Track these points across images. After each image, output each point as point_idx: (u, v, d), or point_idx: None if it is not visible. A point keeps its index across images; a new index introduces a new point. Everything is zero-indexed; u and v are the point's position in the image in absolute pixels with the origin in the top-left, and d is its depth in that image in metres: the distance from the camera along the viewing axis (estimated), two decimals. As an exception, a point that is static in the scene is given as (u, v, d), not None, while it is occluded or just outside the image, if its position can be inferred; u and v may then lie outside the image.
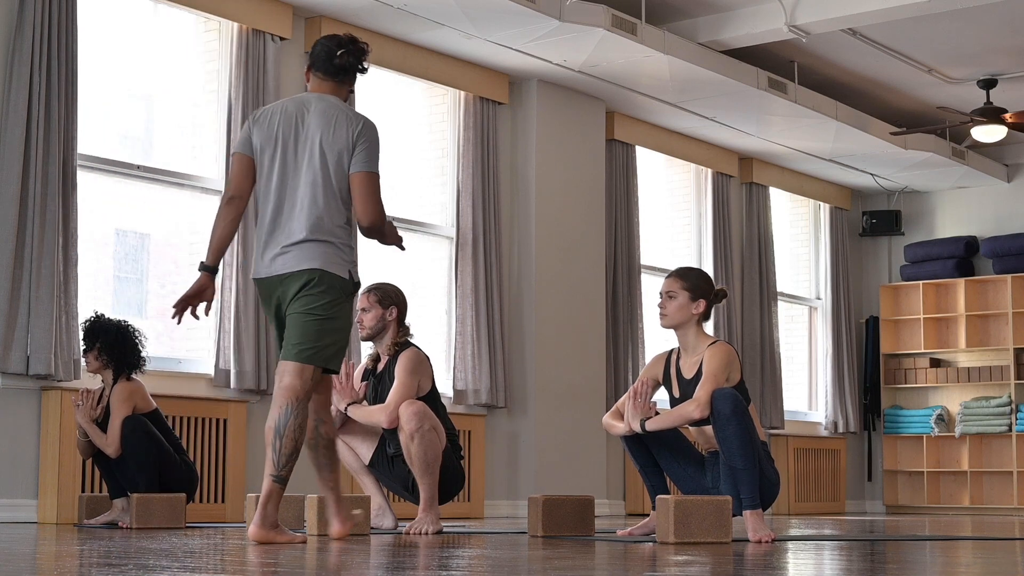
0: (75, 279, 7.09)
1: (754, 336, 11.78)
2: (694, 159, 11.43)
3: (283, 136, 4.92)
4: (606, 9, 8.70)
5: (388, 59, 8.82)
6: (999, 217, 12.94)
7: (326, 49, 5.00)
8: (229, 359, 7.80)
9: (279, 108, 4.99)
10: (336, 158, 4.88)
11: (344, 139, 4.88)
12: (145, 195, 8.14)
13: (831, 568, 3.75)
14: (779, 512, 11.70)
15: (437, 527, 5.64)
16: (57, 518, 6.90)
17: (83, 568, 3.39)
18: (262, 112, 5.03)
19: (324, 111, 4.91)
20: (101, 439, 6.32)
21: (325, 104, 4.94)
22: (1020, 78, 10.84)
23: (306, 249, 4.82)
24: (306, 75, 5.09)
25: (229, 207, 4.96)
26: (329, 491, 5.01)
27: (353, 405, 5.88)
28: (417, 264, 9.33)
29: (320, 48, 5.02)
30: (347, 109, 4.98)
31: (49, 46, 7.05)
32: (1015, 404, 12.43)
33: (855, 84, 11.05)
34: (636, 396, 5.11)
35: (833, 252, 12.94)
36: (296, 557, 3.92)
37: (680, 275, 5.29)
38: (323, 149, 4.87)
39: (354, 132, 4.89)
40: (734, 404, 4.88)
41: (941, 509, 12.70)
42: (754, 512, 4.90)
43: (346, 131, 4.89)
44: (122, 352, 6.39)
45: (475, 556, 4.09)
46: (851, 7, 8.98)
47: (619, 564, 3.73)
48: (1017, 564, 3.86)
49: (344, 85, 5.03)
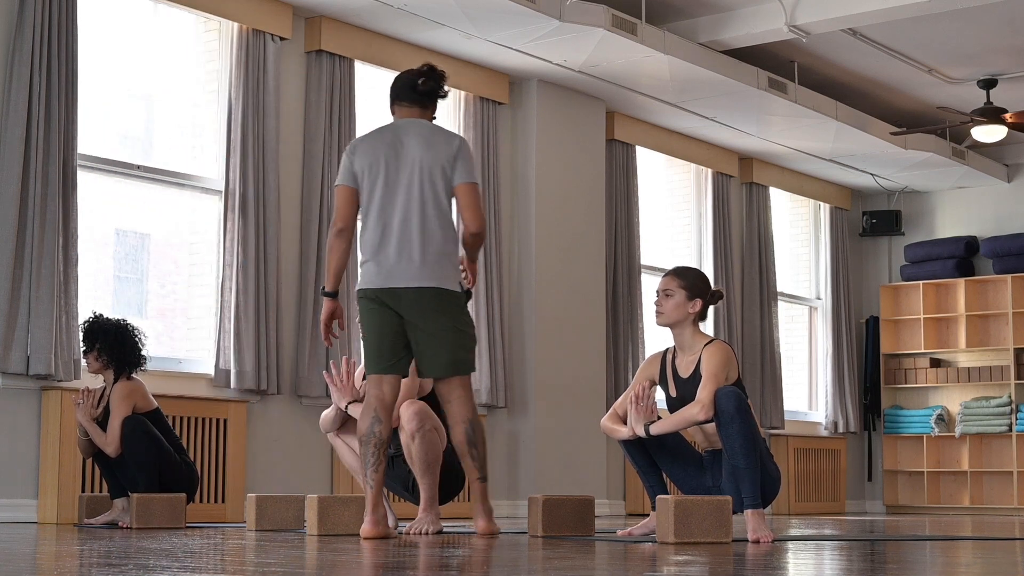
0: (75, 279, 7.09)
1: (754, 336, 11.78)
2: (694, 159, 11.44)
3: (385, 159, 5.28)
4: (606, 9, 8.70)
5: (388, 59, 8.83)
6: (999, 217, 12.94)
7: (408, 80, 5.40)
8: (229, 359, 7.80)
9: (376, 135, 5.37)
10: (440, 173, 5.25)
11: (444, 155, 5.26)
12: (145, 195, 8.15)
13: (831, 568, 3.75)
14: (779, 512, 11.70)
15: (437, 527, 5.64)
16: (57, 518, 6.91)
17: (83, 568, 3.39)
18: (359, 142, 5.39)
19: (420, 132, 5.31)
20: (101, 438, 6.32)
21: (419, 126, 5.33)
22: (1020, 78, 10.84)
23: (425, 268, 5.21)
24: (392, 110, 5.44)
25: (340, 238, 5.31)
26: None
27: (354, 403, 5.88)
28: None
29: (401, 81, 5.42)
30: (441, 128, 5.37)
31: (49, 46, 7.05)
32: (1015, 404, 12.43)
33: (855, 84, 11.05)
34: (638, 401, 5.10)
35: (833, 252, 12.94)
36: (296, 557, 3.92)
37: (677, 274, 5.28)
38: (424, 166, 5.24)
39: (453, 148, 5.28)
40: (738, 402, 4.88)
41: (941, 509, 12.70)
42: (755, 512, 4.90)
43: (445, 148, 5.27)
44: (122, 352, 6.39)
45: (475, 556, 4.09)
46: (851, 7, 8.98)
47: (619, 564, 3.73)
48: (1017, 564, 3.86)
49: (428, 110, 5.41)
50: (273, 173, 8.08)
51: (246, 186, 7.92)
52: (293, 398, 8.21)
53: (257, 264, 7.91)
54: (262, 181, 8.01)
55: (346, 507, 5.49)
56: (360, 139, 5.40)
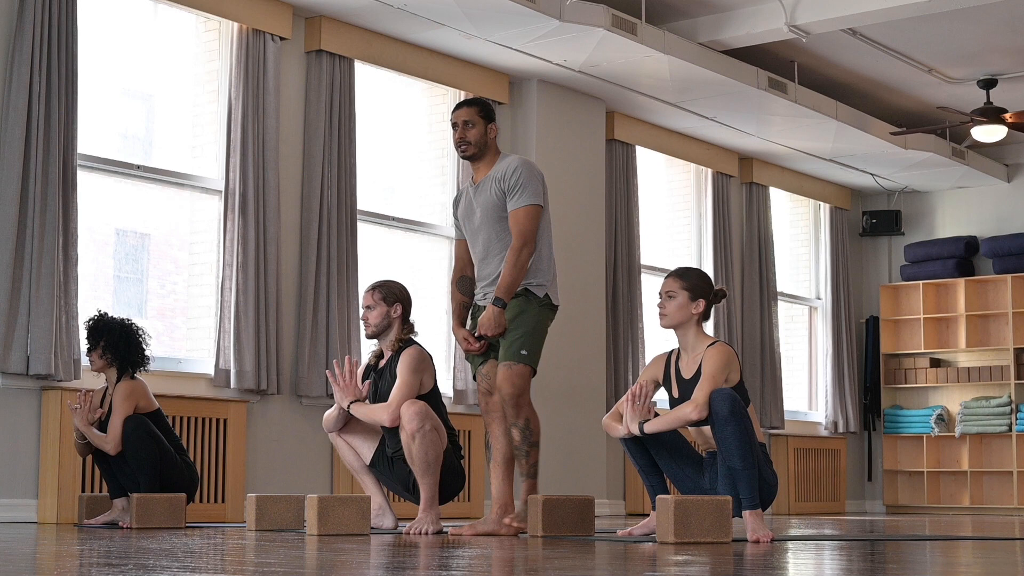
0: (75, 279, 7.09)
1: (754, 336, 11.78)
2: (694, 159, 11.43)
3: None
4: (606, 9, 8.70)
5: (388, 59, 8.83)
6: (999, 217, 12.94)
7: None
8: (229, 359, 7.80)
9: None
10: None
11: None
12: (145, 195, 8.15)
13: (831, 568, 3.75)
14: (779, 512, 11.70)
15: (437, 527, 5.65)
16: (57, 518, 6.91)
17: (83, 568, 3.39)
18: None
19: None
20: (99, 439, 6.31)
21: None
22: (1020, 78, 10.84)
23: None
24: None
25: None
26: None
27: (356, 403, 5.88)
28: (417, 264, 9.33)
29: None
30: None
31: (49, 46, 7.05)
32: (1015, 404, 12.43)
33: (855, 84, 11.05)
34: (635, 399, 5.11)
35: (833, 252, 12.94)
36: (296, 557, 3.92)
37: (679, 275, 5.28)
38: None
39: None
40: (732, 405, 4.88)
41: (941, 509, 12.70)
42: (754, 512, 4.90)
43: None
44: (126, 351, 6.39)
45: (475, 556, 4.09)
46: (851, 7, 8.98)
47: (619, 564, 3.73)
48: (1017, 564, 3.86)
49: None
50: (273, 173, 8.08)
51: (246, 186, 7.92)
52: (293, 398, 8.21)
53: (257, 264, 7.91)
54: (262, 181, 8.01)
55: (346, 507, 5.49)
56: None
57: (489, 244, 5.83)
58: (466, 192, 5.99)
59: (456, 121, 5.89)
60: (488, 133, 5.89)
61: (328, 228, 8.34)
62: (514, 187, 5.76)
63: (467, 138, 5.86)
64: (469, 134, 5.86)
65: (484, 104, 5.96)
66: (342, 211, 8.44)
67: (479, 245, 5.87)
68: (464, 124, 5.86)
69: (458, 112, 5.90)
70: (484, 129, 5.88)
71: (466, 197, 5.97)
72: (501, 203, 5.78)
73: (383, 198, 9.27)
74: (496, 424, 5.81)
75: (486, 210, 5.82)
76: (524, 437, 5.72)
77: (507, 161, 5.86)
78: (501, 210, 5.79)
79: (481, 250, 5.87)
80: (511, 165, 5.81)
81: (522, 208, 5.73)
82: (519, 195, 5.75)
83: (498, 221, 5.80)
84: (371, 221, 8.92)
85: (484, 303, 5.81)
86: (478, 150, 5.88)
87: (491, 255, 5.83)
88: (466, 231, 5.97)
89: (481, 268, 5.89)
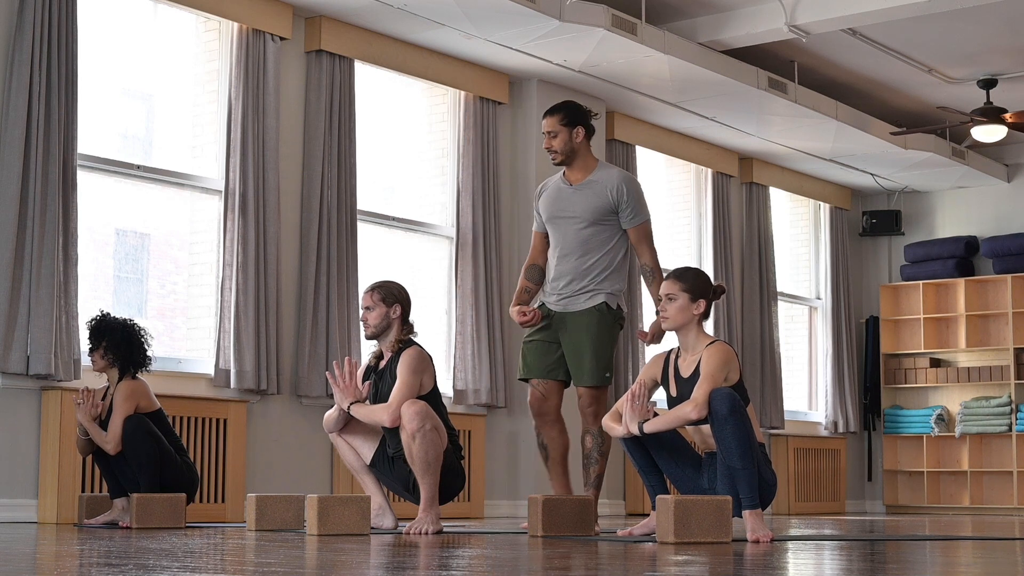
0: (75, 279, 7.09)
1: (754, 336, 11.78)
2: (694, 159, 11.43)
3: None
4: (606, 9, 8.70)
5: (388, 59, 8.83)
6: (999, 217, 12.94)
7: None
8: (229, 359, 7.80)
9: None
10: None
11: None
12: (145, 195, 8.15)
13: (831, 568, 3.75)
14: (779, 512, 11.70)
15: (437, 527, 5.65)
16: (57, 518, 6.91)
17: (83, 568, 3.39)
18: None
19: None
20: (101, 436, 6.31)
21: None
22: (1020, 78, 10.84)
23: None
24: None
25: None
26: None
27: (356, 404, 5.88)
28: (417, 264, 9.33)
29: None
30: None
31: (49, 46, 7.05)
32: (1015, 404, 12.43)
33: (855, 84, 11.05)
34: (633, 398, 5.10)
35: (833, 252, 12.94)
36: (296, 557, 3.92)
37: (678, 276, 5.28)
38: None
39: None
40: (731, 404, 4.88)
41: (941, 509, 12.70)
42: (753, 512, 4.90)
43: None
44: (128, 351, 6.39)
45: (475, 556, 4.09)
46: (851, 7, 8.98)
47: (619, 564, 3.73)
48: (1017, 564, 3.86)
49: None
50: (273, 173, 8.08)
51: (246, 186, 7.92)
52: (293, 398, 8.21)
53: (257, 264, 7.91)
54: (262, 181, 8.01)
55: (346, 507, 5.49)
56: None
57: (576, 243, 6.08)
58: (556, 189, 6.19)
59: (543, 131, 6.17)
60: (573, 138, 6.12)
61: (328, 228, 8.34)
62: (628, 202, 6.07)
63: (553, 147, 6.13)
64: (554, 143, 6.13)
65: (568, 111, 6.15)
66: (342, 211, 8.44)
67: (567, 242, 6.10)
68: (548, 135, 6.11)
69: (543, 122, 6.16)
70: (569, 136, 6.11)
71: (557, 194, 6.18)
72: (608, 210, 6.05)
73: (383, 198, 9.27)
74: (549, 427, 6.18)
75: (588, 212, 6.06)
76: (596, 444, 6.14)
77: (613, 173, 6.12)
78: (602, 216, 6.05)
79: (565, 247, 6.10)
80: (620, 178, 6.10)
81: (641, 225, 6.14)
82: (635, 211, 6.11)
83: (593, 224, 6.06)
84: (371, 221, 8.92)
85: (558, 308, 6.11)
86: (565, 156, 6.14)
87: (572, 254, 6.09)
88: (549, 225, 6.19)
89: (559, 263, 6.13)
